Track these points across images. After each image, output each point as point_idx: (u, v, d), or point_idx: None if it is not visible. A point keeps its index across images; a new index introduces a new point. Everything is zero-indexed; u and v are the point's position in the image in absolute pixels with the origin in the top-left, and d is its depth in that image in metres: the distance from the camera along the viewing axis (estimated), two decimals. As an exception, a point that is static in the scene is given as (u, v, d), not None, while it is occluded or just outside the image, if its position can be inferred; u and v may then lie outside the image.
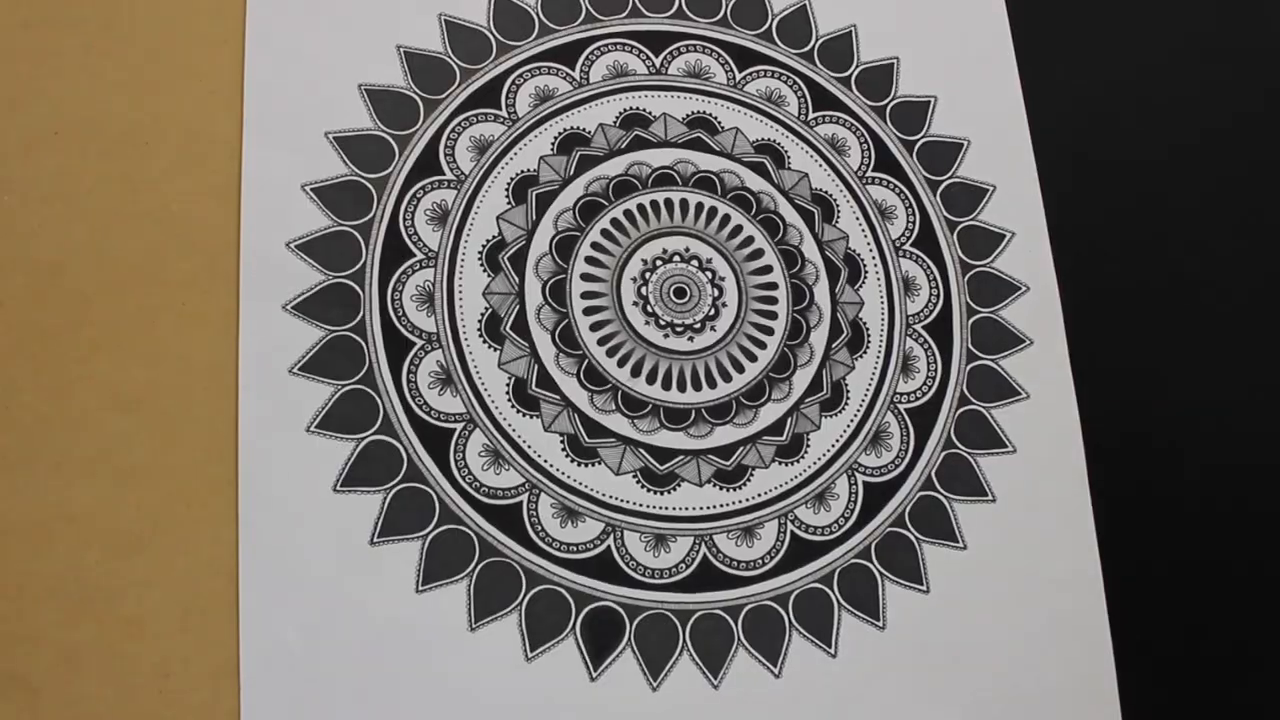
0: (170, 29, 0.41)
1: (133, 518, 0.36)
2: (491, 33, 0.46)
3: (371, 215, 0.42)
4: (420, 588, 0.38)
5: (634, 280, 0.45)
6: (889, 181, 0.49)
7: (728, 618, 0.41)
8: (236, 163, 0.40)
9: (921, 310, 0.48)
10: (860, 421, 0.45)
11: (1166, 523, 0.48)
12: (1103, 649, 0.44)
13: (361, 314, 0.41)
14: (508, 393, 0.42)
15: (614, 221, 0.45)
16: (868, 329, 0.47)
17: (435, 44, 0.45)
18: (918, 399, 0.46)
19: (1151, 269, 0.51)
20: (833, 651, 0.42)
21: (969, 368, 0.47)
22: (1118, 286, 0.51)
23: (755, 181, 0.47)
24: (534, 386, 0.42)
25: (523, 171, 0.45)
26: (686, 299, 0.45)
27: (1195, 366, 0.50)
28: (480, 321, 0.42)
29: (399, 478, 0.39)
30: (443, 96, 0.45)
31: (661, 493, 0.42)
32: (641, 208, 0.46)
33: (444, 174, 0.44)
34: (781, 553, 0.42)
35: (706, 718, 0.40)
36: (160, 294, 0.39)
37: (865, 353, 0.46)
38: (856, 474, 0.44)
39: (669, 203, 0.46)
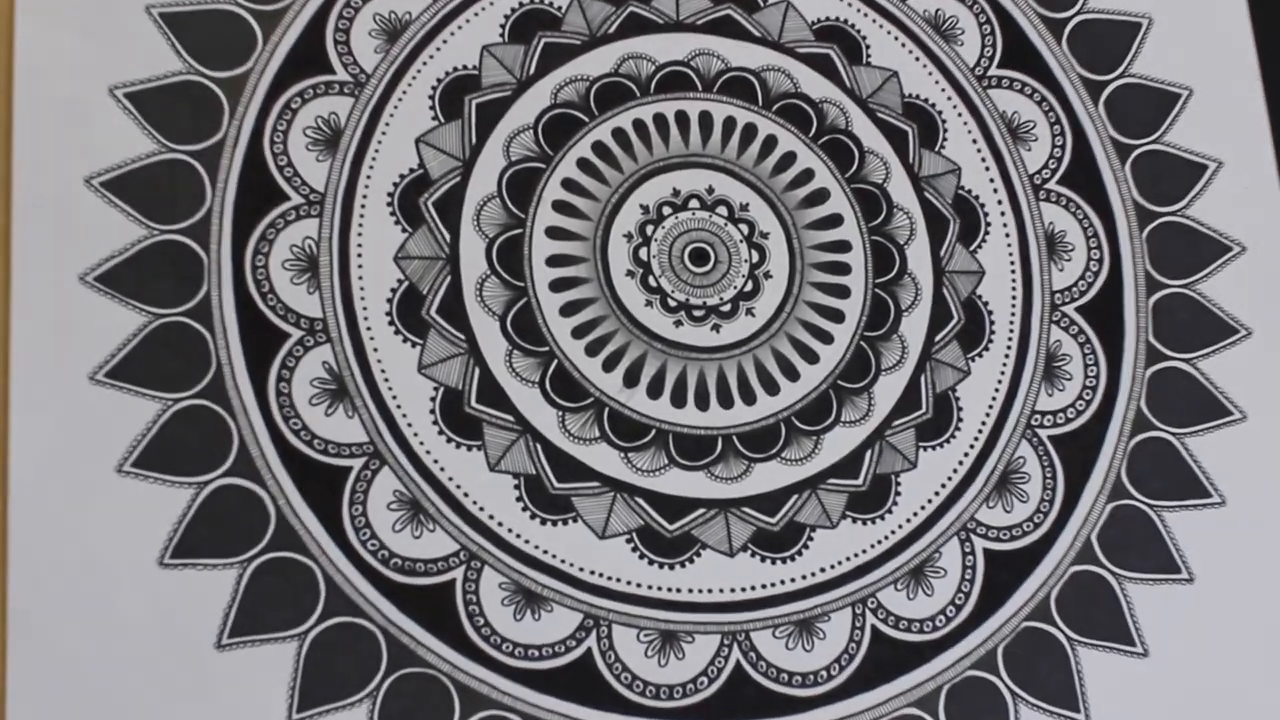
0: None
1: None
2: None
3: (221, 135, 0.37)
4: (296, 714, 0.33)
5: (629, 237, 0.40)
6: (1024, 84, 0.44)
7: (774, 762, 0.37)
8: (4, 52, 0.36)
9: (1075, 284, 0.42)
10: (979, 457, 0.40)
11: None
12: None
13: (206, 289, 0.36)
14: (433, 411, 0.37)
15: (598, 147, 0.40)
16: (991, 313, 0.41)
17: None
18: (1068, 421, 0.41)
19: None
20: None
21: (1150, 372, 0.42)
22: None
23: (816, 85, 0.42)
24: (473, 402, 0.37)
25: (457, 69, 0.40)
26: (709, 266, 0.40)
27: None
28: (391, 301, 0.37)
29: (263, 544, 0.35)
30: (332, -49, 0.40)
31: (671, 566, 0.37)
32: (640, 125, 0.41)
33: (334, 73, 0.38)
34: (857, 660, 0.37)
35: None
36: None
37: (987, 350, 0.41)
38: (974, 537, 0.39)
39: (682, 118, 0.41)
